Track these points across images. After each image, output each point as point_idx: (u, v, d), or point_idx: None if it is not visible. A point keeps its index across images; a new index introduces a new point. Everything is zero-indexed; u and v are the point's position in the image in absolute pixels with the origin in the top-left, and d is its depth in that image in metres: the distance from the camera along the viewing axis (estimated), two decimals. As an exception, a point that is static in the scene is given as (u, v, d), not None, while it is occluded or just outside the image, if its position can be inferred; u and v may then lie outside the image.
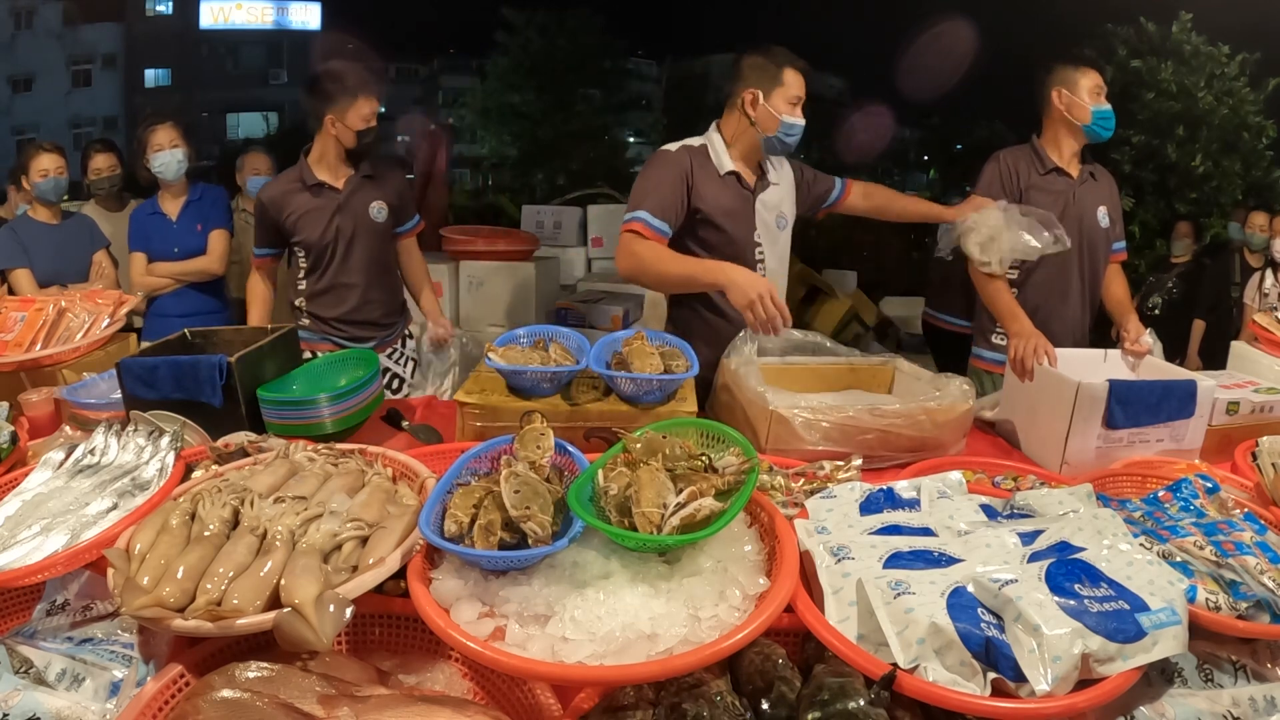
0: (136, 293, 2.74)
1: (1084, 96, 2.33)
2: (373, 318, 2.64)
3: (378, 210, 2.58)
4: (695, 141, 2.18)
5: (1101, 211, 2.45)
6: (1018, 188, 2.41)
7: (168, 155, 3.04)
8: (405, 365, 2.78)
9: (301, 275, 2.58)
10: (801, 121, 2.14)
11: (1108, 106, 2.34)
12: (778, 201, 2.28)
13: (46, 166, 2.99)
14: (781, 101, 2.11)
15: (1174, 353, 4.57)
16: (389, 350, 2.71)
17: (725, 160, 2.15)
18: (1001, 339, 2.46)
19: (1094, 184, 2.47)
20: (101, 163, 3.41)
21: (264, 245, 2.60)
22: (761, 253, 2.23)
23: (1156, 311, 4.95)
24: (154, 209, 3.12)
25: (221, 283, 3.31)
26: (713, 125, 2.22)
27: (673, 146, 2.16)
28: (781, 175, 2.31)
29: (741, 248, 2.18)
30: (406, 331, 2.81)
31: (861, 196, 2.46)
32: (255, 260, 2.63)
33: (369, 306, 2.62)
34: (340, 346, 2.57)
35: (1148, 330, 2.14)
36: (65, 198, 3.16)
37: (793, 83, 2.11)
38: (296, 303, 2.64)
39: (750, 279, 1.85)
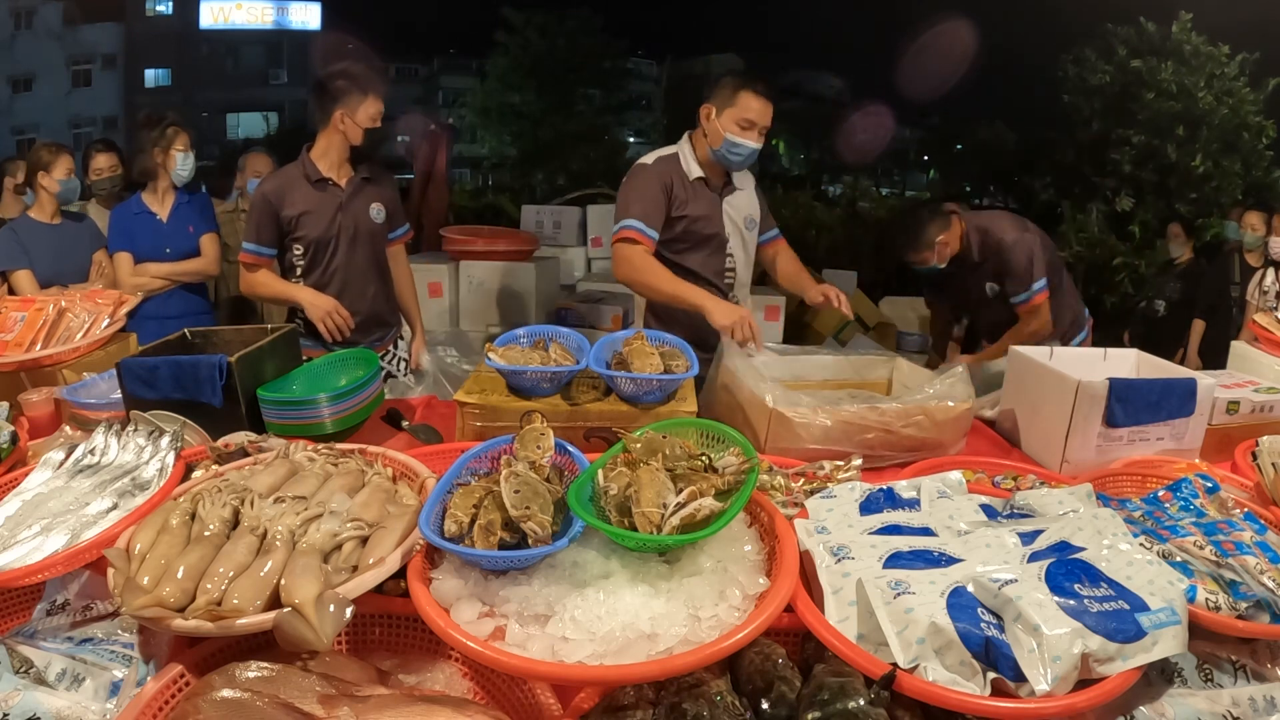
0: (135, 293, 2.73)
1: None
2: (368, 319, 2.62)
3: (376, 212, 2.60)
4: (667, 151, 2.39)
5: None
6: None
7: (189, 158, 3.07)
8: (398, 365, 2.79)
9: (298, 275, 2.54)
10: (747, 144, 2.26)
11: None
12: (746, 205, 2.46)
13: (70, 168, 3.00)
14: (730, 120, 2.25)
15: (1176, 355, 4.55)
16: (383, 352, 2.71)
17: (694, 167, 2.35)
18: None
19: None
20: (103, 162, 3.41)
21: (261, 242, 2.48)
22: (731, 249, 2.43)
23: (1160, 313, 4.93)
24: (140, 209, 3.08)
25: (207, 285, 3.31)
26: (685, 135, 2.40)
27: (648, 159, 2.38)
28: (746, 183, 2.49)
29: (713, 247, 2.39)
30: (399, 334, 2.82)
31: (773, 257, 2.60)
32: (250, 258, 2.47)
33: (365, 306, 2.60)
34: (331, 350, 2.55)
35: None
36: None
37: (747, 105, 2.23)
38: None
39: (726, 307, 2.11)
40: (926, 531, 1.15)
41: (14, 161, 3.69)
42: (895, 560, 1.07)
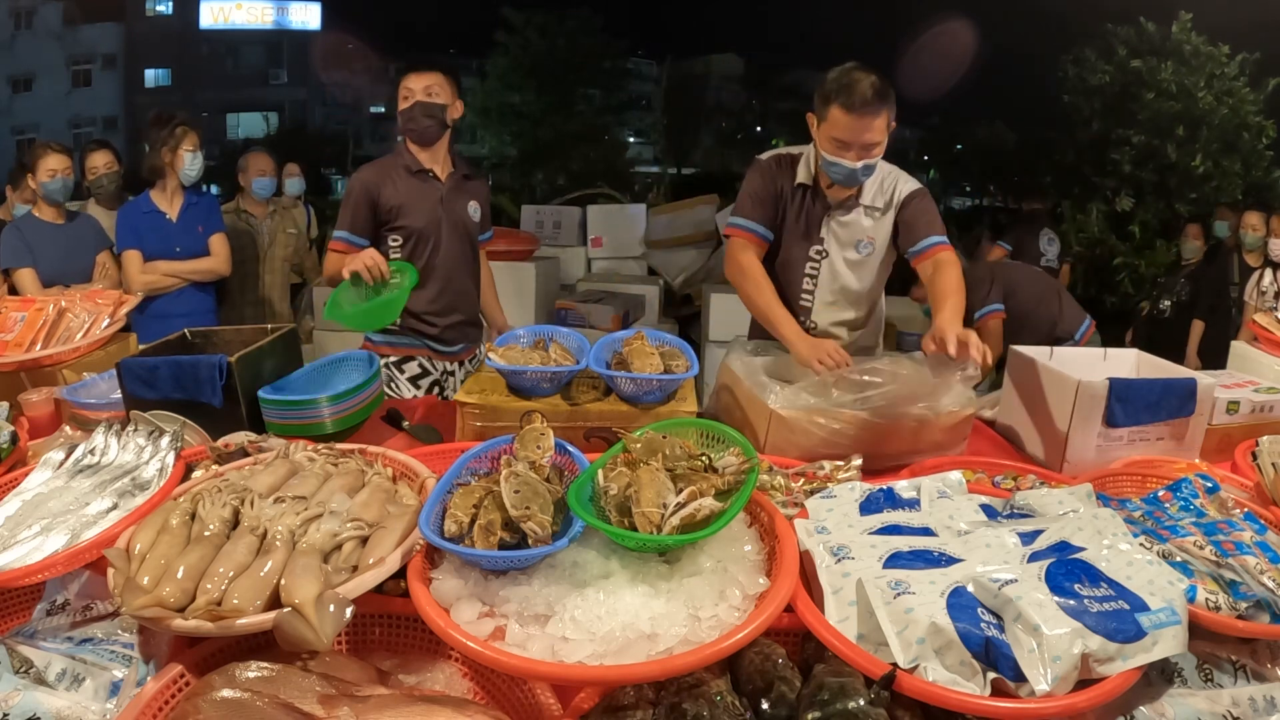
0: (136, 292, 2.72)
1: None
2: (462, 315, 2.56)
3: (473, 210, 2.56)
4: (795, 150, 2.15)
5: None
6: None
7: (198, 158, 3.08)
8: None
9: None
10: (842, 164, 1.94)
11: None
12: (863, 227, 2.12)
13: (54, 167, 2.98)
14: (824, 136, 1.95)
15: (1181, 356, 4.54)
16: (478, 353, 2.66)
17: (802, 173, 2.11)
18: None
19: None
20: (98, 160, 3.41)
21: (355, 230, 2.37)
22: (815, 268, 2.15)
23: (1166, 314, 4.92)
24: (149, 207, 3.08)
25: (213, 284, 3.32)
26: None
27: (764, 155, 2.18)
28: (884, 200, 2.12)
29: (793, 260, 2.15)
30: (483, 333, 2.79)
31: (927, 275, 2.08)
32: (341, 246, 2.36)
33: (465, 304, 2.55)
34: (431, 351, 2.50)
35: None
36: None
37: (835, 122, 1.91)
38: None
39: (809, 345, 1.89)
40: (926, 531, 1.15)
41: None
42: (895, 560, 1.07)
